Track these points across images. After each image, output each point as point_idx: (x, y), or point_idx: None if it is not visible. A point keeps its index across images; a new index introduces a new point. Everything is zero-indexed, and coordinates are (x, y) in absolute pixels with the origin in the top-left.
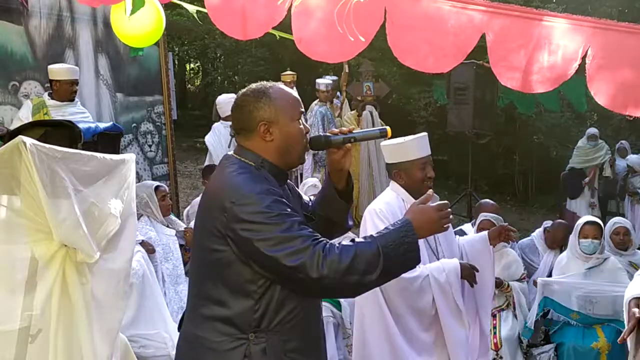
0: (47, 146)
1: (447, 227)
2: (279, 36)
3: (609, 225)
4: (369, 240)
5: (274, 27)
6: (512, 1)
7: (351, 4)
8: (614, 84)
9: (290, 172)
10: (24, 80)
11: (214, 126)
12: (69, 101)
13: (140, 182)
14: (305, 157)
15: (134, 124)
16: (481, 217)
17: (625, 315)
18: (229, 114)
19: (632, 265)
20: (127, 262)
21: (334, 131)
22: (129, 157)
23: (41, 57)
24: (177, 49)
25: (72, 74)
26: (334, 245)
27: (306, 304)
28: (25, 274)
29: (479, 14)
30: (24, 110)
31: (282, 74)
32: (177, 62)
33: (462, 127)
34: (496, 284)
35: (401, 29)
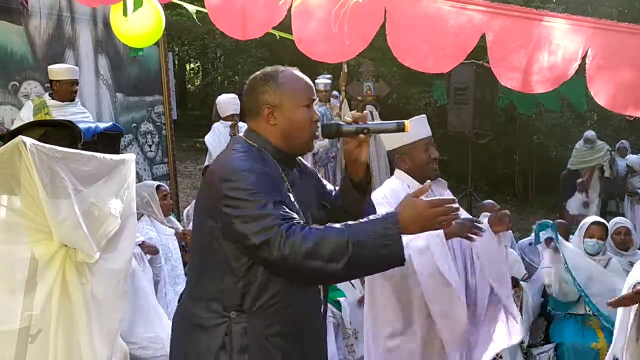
0: (47, 146)
1: (444, 225)
2: (279, 36)
3: (610, 225)
4: (342, 227)
5: (274, 27)
6: (512, 1)
7: (349, 5)
8: (614, 84)
9: None
10: (24, 80)
11: (214, 126)
12: (69, 101)
13: (140, 182)
14: (313, 144)
15: (134, 124)
16: (483, 216)
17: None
18: (229, 113)
19: (632, 265)
20: (127, 262)
21: (348, 120)
22: (129, 157)
23: (41, 57)
24: (177, 49)
25: (72, 73)
26: (302, 227)
27: (296, 292)
28: (25, 274)
29: (479, 14)
30: (25, 110)
31: None
32: (177, 62)
33: (462, 127)
34: (514, 281)
35: (401, 29)
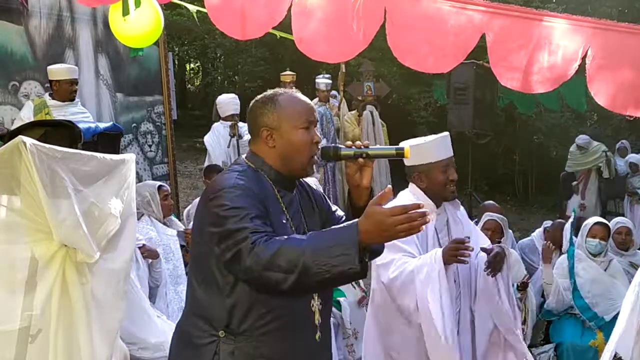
0: (47, 146)
1: (409, 233)
2: (279, 36)
3: (611, 224)
4: (303, 237)
5: (274, 27)
6: (512, 1)
7: (360, 4)
8: (614, 84)
9: None
10: (24, 80)
11: (214, 126)
12: (69, 101)
13: (140, 182)
14: (314, 168)
15: (134, 124)
16: (486, 216)
17: None
18: (229, 113)
19: (633, 265)
20: (127, 262)
21: (349, 144)
22: (129, 157)
23: (41, 57)
24: (177, 49)
25: (71, 73)
26: (268, 238)
27: (285, 315)
28: (25, 274)
29: (478, 14)
30: (26, 110)
31: (282, 74)
32: (177, 62)
33: (462, 127)
34: (522, 285)
35: (401, 29)
